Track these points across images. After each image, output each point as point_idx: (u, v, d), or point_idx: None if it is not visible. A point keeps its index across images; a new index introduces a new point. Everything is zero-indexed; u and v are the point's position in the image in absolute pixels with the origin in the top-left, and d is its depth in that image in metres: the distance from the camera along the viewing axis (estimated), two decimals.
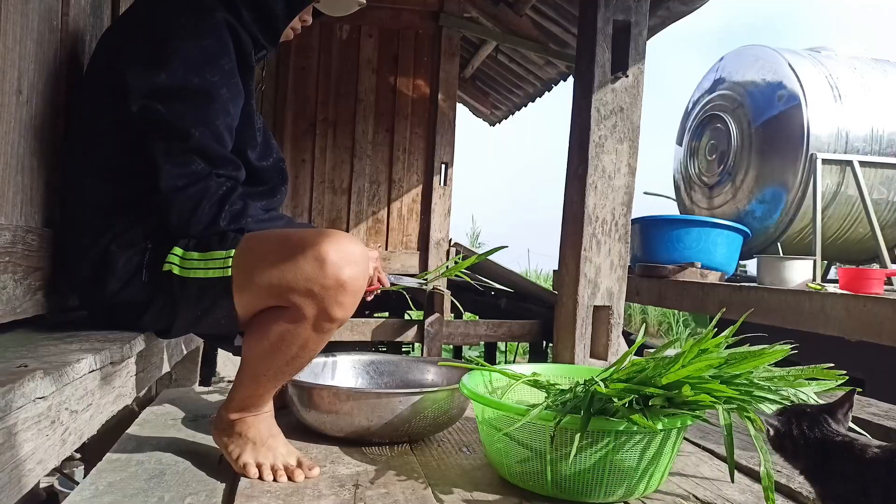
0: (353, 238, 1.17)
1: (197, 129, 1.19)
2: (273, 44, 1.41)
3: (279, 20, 1.37)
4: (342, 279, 1.11)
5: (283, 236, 1.19)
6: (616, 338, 2.55)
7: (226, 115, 1.24)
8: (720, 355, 1.11)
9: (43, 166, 1.28)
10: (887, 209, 4.18)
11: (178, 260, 1.20)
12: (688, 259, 3.79)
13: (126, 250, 1.23)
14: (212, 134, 1.21)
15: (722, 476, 1.33)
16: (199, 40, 1.22)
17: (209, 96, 1.21)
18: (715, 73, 4.72)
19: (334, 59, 4.21)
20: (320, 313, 1.13)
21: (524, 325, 3.78)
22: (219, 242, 1.20)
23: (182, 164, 1.19)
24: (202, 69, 1.21)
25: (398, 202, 4.30)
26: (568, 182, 2.65)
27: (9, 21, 1.13)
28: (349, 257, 1.12)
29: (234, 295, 1.17)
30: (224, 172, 1.24)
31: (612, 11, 2.50)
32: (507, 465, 1.21)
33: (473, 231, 12.39)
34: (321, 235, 1.14)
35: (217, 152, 1.22)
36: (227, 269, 1.17)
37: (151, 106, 1.19)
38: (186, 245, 1.21)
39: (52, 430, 0.91)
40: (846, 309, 2.58)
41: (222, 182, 1.23)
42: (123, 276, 1.23)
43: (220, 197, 1.21)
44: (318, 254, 1.11)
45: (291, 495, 1.13)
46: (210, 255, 1.19)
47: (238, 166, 1.28)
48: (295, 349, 1.17)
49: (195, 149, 1.19)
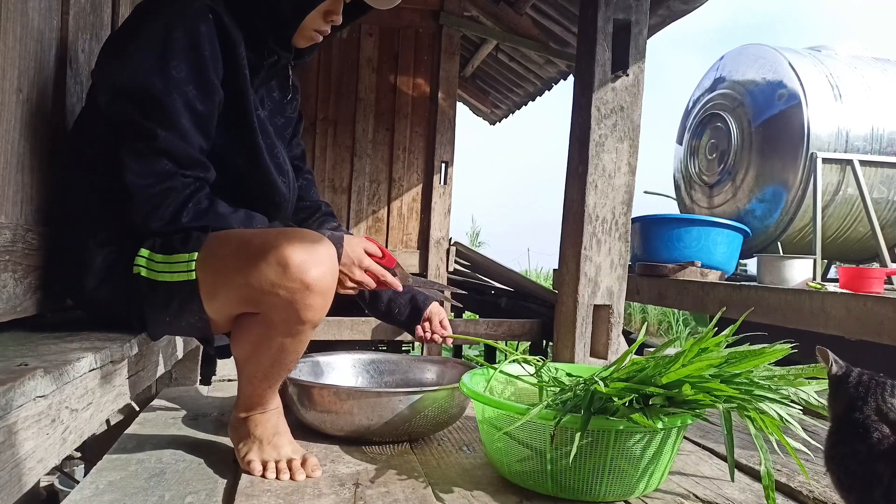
0: (316, 236, 1.13)
1: (163, 128, 1.16)
2: (284, 48, 1.32)
3: (287, 23, 1.29)
4: (307, 281, 1.08)
5: (244, 239, 1.15)
6: (616, 337, 2.55)
7: (191, 112, 1.19)
8: (720, 354, 1.11)
9: (42, 165, 1.28)
10: (887, 208, 4.18)
11: (145, 262, 1.18)
12: (688, 258, 3.79)
13: (103, 248, 1.21)
14: (178, 133, 1.17)
15: (722, 475, 1.33)
16: (167, 33, 1.16)
17: (171, 94, 1.16)
18: (715, 71, 4.71)
19: (334, 58, 4.21)
20: (290, 317, 1.11)
21: (524, 324, 3.78)
22: (182, 244, 1.17)
23: (148, 163, 1.16)
24: (166, 65, 1.16)
25: (398, 201, 4.30)
26: (568, 181, 2.65)
27: (9, 20, 1.13)
28: (313, 258, 1.09)
29: (203, 299, 1.14)
30: (191, 174, 1.19)
31: (612, 10, 2.49)
32: (508, 464, 1.21)
33: (473, 230, 12.41)
34: (283, 237, 1.10)
35: (184, 153, 1.18)
36: (190, 272, 1.14)
37: (118, 101, 1.17)
38: (152, 246, 1.19)
39: (52, 429, 0.91)
40: (846, 308, 2.58)
41: (189, 182, 1.19)
42: (100, 273, 1.21)
43: (185, 196, 1.18)
44: (280, 257, 1.07)
45: (292, 494, 1.13)
46: (174, 259, 1.16)
47: (207, 168, 1.23)
48: (274, 352, 1.17)
49: (162, 149, 1.16)
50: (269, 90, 1.43)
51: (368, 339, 3.57)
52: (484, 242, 12.30)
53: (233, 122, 1.28)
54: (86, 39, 1.48)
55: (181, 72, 1.17)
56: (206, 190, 1.22)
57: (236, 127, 1.28)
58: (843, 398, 0.95)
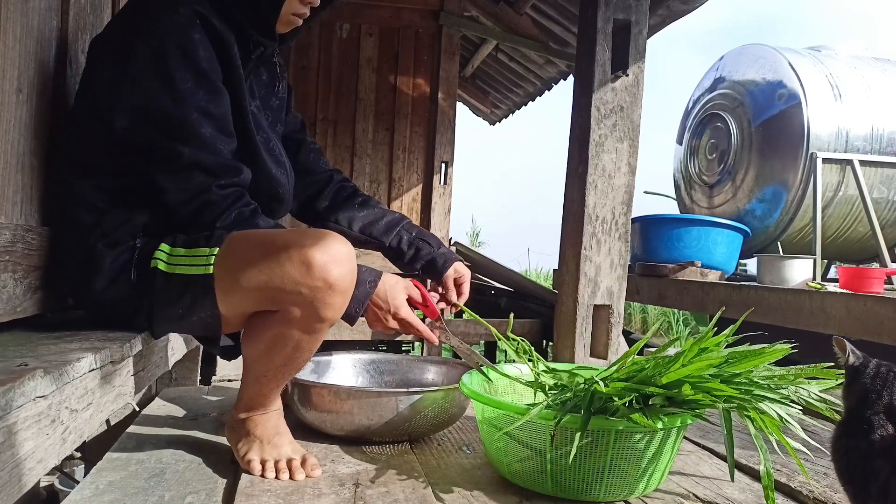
0: (337, 237, 1.15)
1: (186, 144, 1.17)
2: (268, 37, 1.33)
3: (267, 12, 1.29)
4: (330, 280, 1.10)
5: (266, 239, 1.16)
6: (616, 337, 2.55)
7: (208, 118, 1.20)
8: (720, 354, 1.11)
9: (42, 165, 1.28)
10: (887, 208, 4.18)
11: (165, 256, 1.19)
12: (688, 258, 3.79)
13: (113, 249, 1.21)
14: (201, 143, 1.19)
15: (722, 475, 1.33)
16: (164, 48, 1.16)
17: (184, 108, 1.17)
18: (715, 71, 4.72)
19: (334, 58, 4.21)
20: (310, 315, 1.13)
21: (524, 324, 3.78)
22: (206, 240, 1.18)
23: (181, 180, 1.19)
24: (171, 79, 1.16)
25: (398, 201, 4.30)
26: (568, 181, 2.65)
27: (9, 20, 1.13)
28: (336, 258, 1.11)
29: (218, 296, 1.15)
30: (225, 182, 1.21)
31: (612, 10, 2.50)
32: (508, 464, 1.21)
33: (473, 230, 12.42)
34: (306, 237, 1.12)
35: (212, 162, 1.19)
36: (209, 266, 1.15)
37: (137, 125, 1.18)
38: (174, 241, 1.20)
39: (52, 429, 0.91)
40: (846, 308, 2.58)
41: (228, 193, 1.21)
42: (110, 274, 1.21)
43: (225, 206, 1.20)
44: (304, 256, 1.09)
45: (291, 494, 1.13)
46: (195, 252, 1.17)
47: (239, 170, 1.25)
48: (289, 350, 1.17)
49: (190, 164, 1.18)
50: (257, 76, 1.43)
51: (368, 338, 3.57)
52: (484, 242, 12.31)
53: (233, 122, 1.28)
54: (86, 39, 1.48)
55: (188, 82, 1.18)
56: (245, 198, 1.24)
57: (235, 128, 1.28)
58: (858, 389, 0.94)
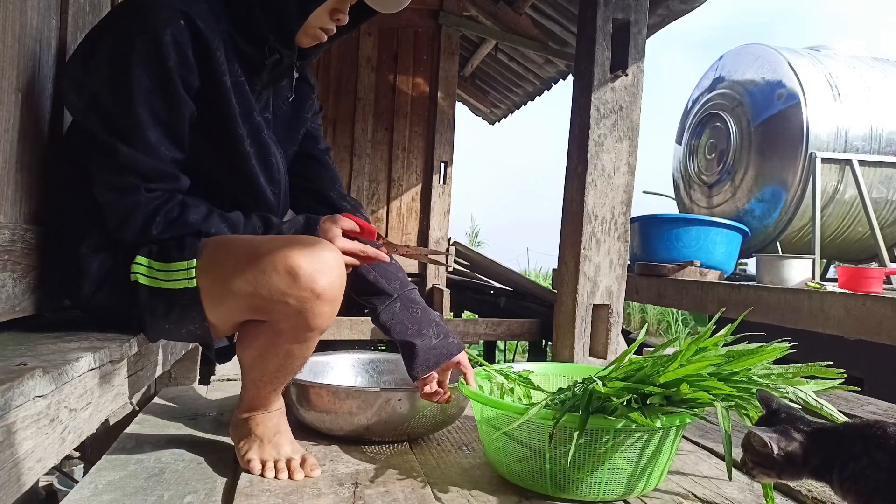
0: (324, 244, 1.12)
1: (126, 143, 1.12)
2: (286, 46, 1.24)
3: (291, 19, 1.21)
4: (317, 290, 1.08)
5: (250, 248, 1.12)
6: (615, 336, 2.55)
7: (158, 123, 1.15)
8: (718, 353, 1.12)
9: (41, 165, 1.28)
10: (886, 208, 4.18)
11: (144, 269, 1.16)
12: (687, 258, 3.79)
13: (98, 254, 1.19)
14: (143, 146, 1.14)
15: (721, 474, 1.33)
16: (131, 42, 1.11)
17: (134, 106, 1.12)
18: (714, 71, 4.72)
19: (333, 58, 4.21)
20: (299, 325, 1.11)
21: (523, 323, 3.78)
22: (178, 252, 1.15)
23: (112, 178, 1.14)
24: (129, 74, 1.11)
25: (397, 201, 4.30)
26: (567, 181, 2.65)
27: (8, 20, 1.12)
28: (323, 266, 1.08)
29: (206, 305, 1.13)
30: (157, 186, 1.16)
31: (611, 10, 2.49)
32: (507, 463, 1.21)
33: (472, 229, 12.41)
34: (291, 245, 1.09)
35: (149, 166, 1.14)
36: (191, 279, 1.12)
37: (85, 111, 1.15)
38: (149, 253, 1.17)
39: (51, 429, 0.91)
40: (845, 308, 2.58)
41: (156, 196, 1.16)
42: (97, 279, 1.19)
43: (153, 209, 1.15)
44: (290, 266, 1.06)
45: (291, 494, 1.13)
46: (172, 266, 1.14)
47: (176, 178, 1.18)
48: (280, 358, 1.17)
49: (125, 164, 1.13)
50: (279, 92, 1.37)
51: (367, 338, 3.57)
52: (483, 242, 12.30)
53: (215, 130, 1.23)
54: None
55: (144, 81, 1.12)
56: (175, 199, 1.18)
57: (219, 135, 1.23)
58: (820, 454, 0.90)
